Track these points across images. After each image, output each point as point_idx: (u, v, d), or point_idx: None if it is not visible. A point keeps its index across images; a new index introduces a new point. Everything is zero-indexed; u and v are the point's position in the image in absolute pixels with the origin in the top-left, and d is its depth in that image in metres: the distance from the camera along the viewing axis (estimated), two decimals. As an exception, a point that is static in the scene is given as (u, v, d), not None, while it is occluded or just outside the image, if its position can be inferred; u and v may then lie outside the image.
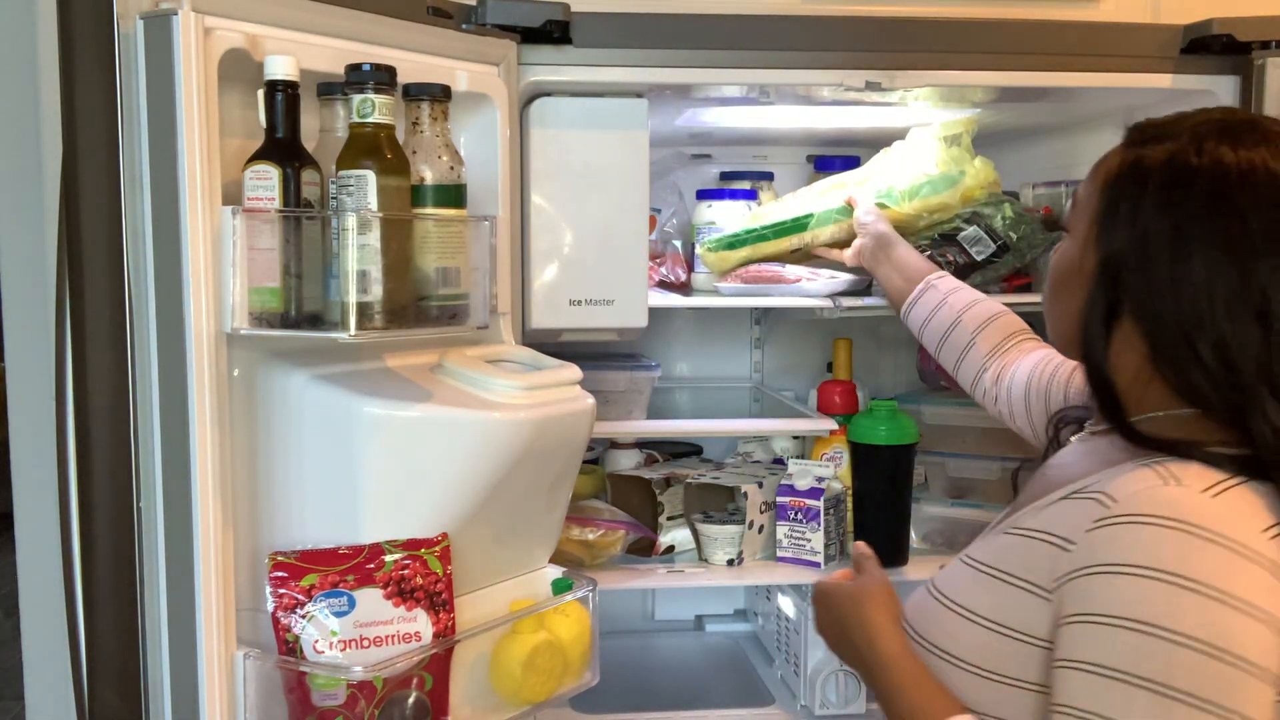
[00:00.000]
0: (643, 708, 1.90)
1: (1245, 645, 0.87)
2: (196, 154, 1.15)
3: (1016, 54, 1.67)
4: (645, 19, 1.60)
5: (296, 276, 1.21)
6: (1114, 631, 0.89)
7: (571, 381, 1.41)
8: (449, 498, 1.30)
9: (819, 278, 1.90)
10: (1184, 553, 0.88)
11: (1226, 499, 0.92)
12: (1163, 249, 0.98)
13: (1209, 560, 0.88)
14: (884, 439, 1.85)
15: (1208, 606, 0.87)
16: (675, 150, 2.28)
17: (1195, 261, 0.96)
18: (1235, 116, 1.03)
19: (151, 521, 1.20)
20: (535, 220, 1.65)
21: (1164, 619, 0.87)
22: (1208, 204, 0.97)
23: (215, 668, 1.19)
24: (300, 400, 1.27)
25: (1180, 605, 0.87)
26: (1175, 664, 0.86)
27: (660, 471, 2.04)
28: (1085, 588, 0.92)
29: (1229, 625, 0.87)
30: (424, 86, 1.29)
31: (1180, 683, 0.86)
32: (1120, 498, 0.93)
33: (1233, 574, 0.88)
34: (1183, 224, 0.97)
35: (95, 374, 1.18)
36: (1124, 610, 0.89)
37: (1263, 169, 0.97)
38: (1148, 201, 1.00)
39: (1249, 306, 0.95)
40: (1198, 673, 0.86)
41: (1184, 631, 0.87)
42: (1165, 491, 0.92)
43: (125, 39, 1.16)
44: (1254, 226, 0.96)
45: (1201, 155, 0.99)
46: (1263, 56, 1.64)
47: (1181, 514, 0.90)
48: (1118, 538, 0.91)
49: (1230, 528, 0.90)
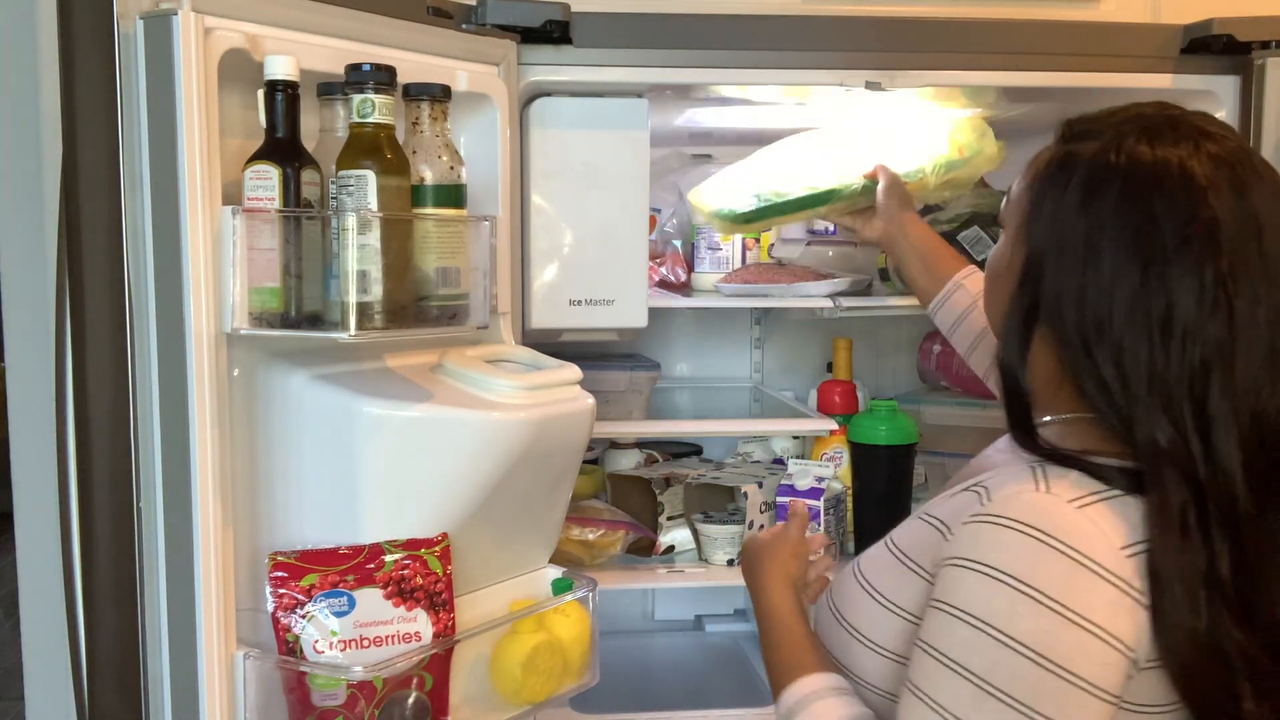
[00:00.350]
0: (643, 708, 1.89)
1: (1073, 658, 0.87)
2: (196, 154, 1.15)
3: (1016, 54, 1.67)
4: (645, 19, 1.60)
5: (296, 276, 1.21)
6: (955, 622, 0.91)
7: (571, 381, 1.41)
8: (449, 498, 1.30)
9: (819, 278, 1.90)
10: (1032, 560, 0.89)
11: (1091, 513, 0.91)
12: (1076, 251, 0.96)
13: (1055, 571, 0.88)
14: (884, 439, 1.85)
15: (1042, 615, 0.88)
16: (675, 150, 2.28)
17: (1104, 264, 0.94)
18: (1163, 113, 0.99)
19: (151, 521, 1.20)
20: (535, 220, 1.65)
21: (998, 620, 0.89)
22: (1119, 204, 0.94)
23: (215, 668, 1.19)
24: (300, 400, 1.27)
25: (1017, 610, 0.88)
26: (1000, 663, 0.88)
27: (660, 471, 2.04)
28: (945, 576, 0.94)
29: (1060, 636, 0.87)
30: (424, 86, 1.29)
31: (1000, 682, 0.88)
32: (995, 497, 0.94)
33: (1075, 587, 0.88)
34: (1094, 226, 0.95)
35: (95, 374, 1.18)
36: (966, 605, 0.91)
37: (1178, 169, 0.94)
38: (1067, 201, 0.98)
39: (1151, 313, 0.92)
40: (1019, 676, 0.88)
41: (1014, 635, 0.88)
42: (1033, 497, 0.92)
43: (125, 39, 1.16)
44: (1165, 229, 0.92)
45: (1120, 154, 0.96)
46: (1263, 56, 1.64)
47: (1040, 522, 0.90)
48: (979, 535, 0.92)
49: (1085, 542, 0.89)
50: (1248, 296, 0.92)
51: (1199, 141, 0.95)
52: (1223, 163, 0.94)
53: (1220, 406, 0.91)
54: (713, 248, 2.08)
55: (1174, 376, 0.92)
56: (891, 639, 1.03)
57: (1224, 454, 0.91)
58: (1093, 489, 0.93)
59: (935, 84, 1.67)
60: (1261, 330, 0.92)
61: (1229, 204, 0.93)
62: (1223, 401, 0.91)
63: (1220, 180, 0.93)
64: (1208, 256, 0.91)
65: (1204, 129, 0.97)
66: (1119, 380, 0.93)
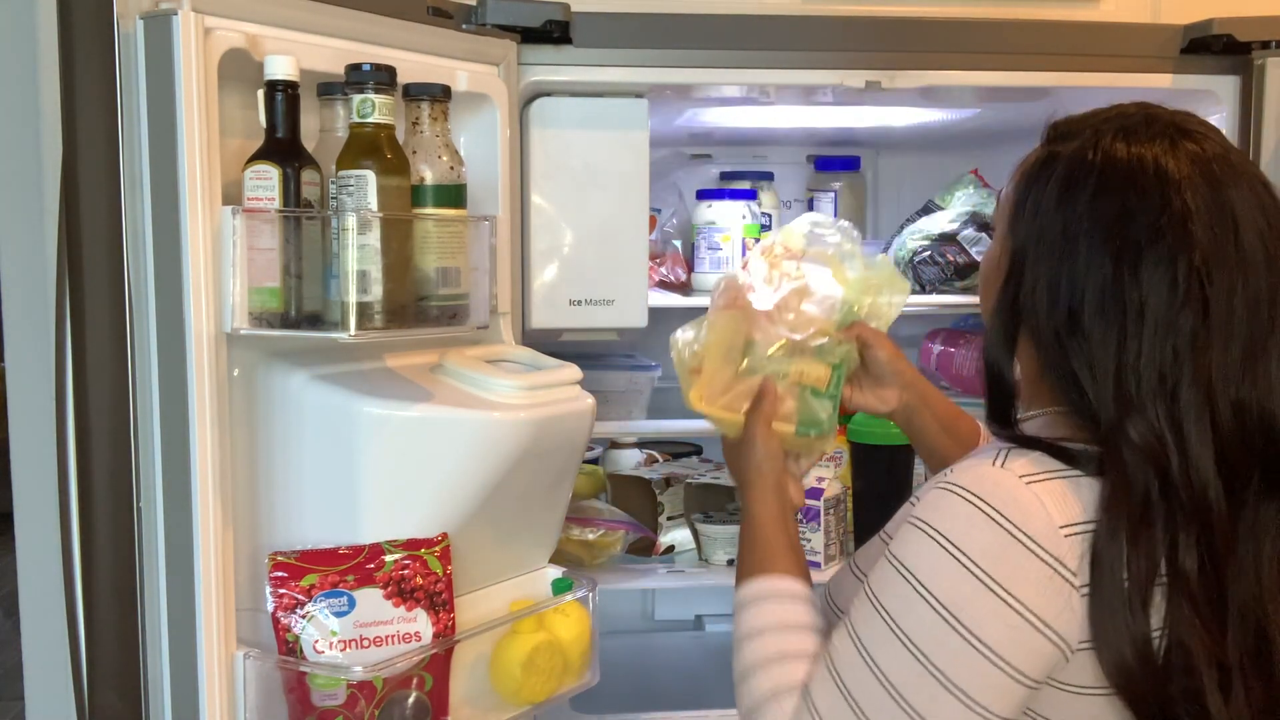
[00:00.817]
0: (643, 708, 1.89)
1: (982, 624, 0.90)
2: (196, 154, 1.15)
3: (1016, 54, 1.67)
4: (645, 19, 1.60)
5: (296, 276, 1.21)
6: (889, 570, 0.97)
7: (571, 381, 1.41)
8: (449, 498, 1.30)
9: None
10: (965, 526, 0.92)
11: (1039, 489, 0.92)
12: (1053, 245, 0.98)
13: (987, 539, 0.91)
14: (884, 439, 1.85)
15: (964, 579, 0.91)
16: (675, 150, 2.28)
17: (1079, 257, 0.96)
18: (1144, 112, 1.01)
19: (151, 521, 1.20)
20: (535, 220, 1.65)
21: (924, 575, 0.93)
22: (1094, 199, 0.96)
23: (215, 668, 1.19)
24: (300, 400, 1.27)
25: (942, 569, 0.92)
26: (913, 611, 0.93)
27: (660, 471, 2.04)
28: (899, 532, 0.99)
29: (973, 600, 0.91)
30: (424, 86, 1.29)
31: (908, 627, 0.93)
32: (956, 469, 0.97)
33: (1002, 558, 0.90)
34: (1071, 220, 0.97)
35: (95, 374, 1.18)
36: (903, 557, 0.96)
37: (1152, 164, 0.95)
38: (1047, 198, 0.99)
39: (1123, 304, 0.93)
40: (928, 630, 0.92)
41: (934, 592, 0.92)
42: (985, 470, 0.95)
43: (125, 39, 1.16)
44: (1138, 222, 0.94)
45: (1096, 151, 0.98)
46: (1263, 56, 1.64)
47: (984, 492, 0.93)
48: (931, 500, 0.96)
49: (1022, 516, 0.91)
50: (1224, 288, 0.93)
51: (1175, 139, 0.97)
52: (1199, 158, 0.96)
53: (1192, 396, 0.92)
54: (713, 248, 2.07)
55: (1145, 366, 0.93)
56: None
57: (1195, 443, 0.92)
58: (1049, 468, 0.94)
59: (935, 84, 1.67)
60: (1240, 322, 0.93)
61: (1204, 198, 0.94)
62: (1195, 391, 0.92)
63: (1195, 175, 0.95)
64: (1181, 249, 0.93)
65: (1182, 127, 0.99)
66: (1088, 371, 0.95)
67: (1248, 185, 0.96)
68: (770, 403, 1.23)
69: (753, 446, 1.21)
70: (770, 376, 1.28)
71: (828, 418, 1.29)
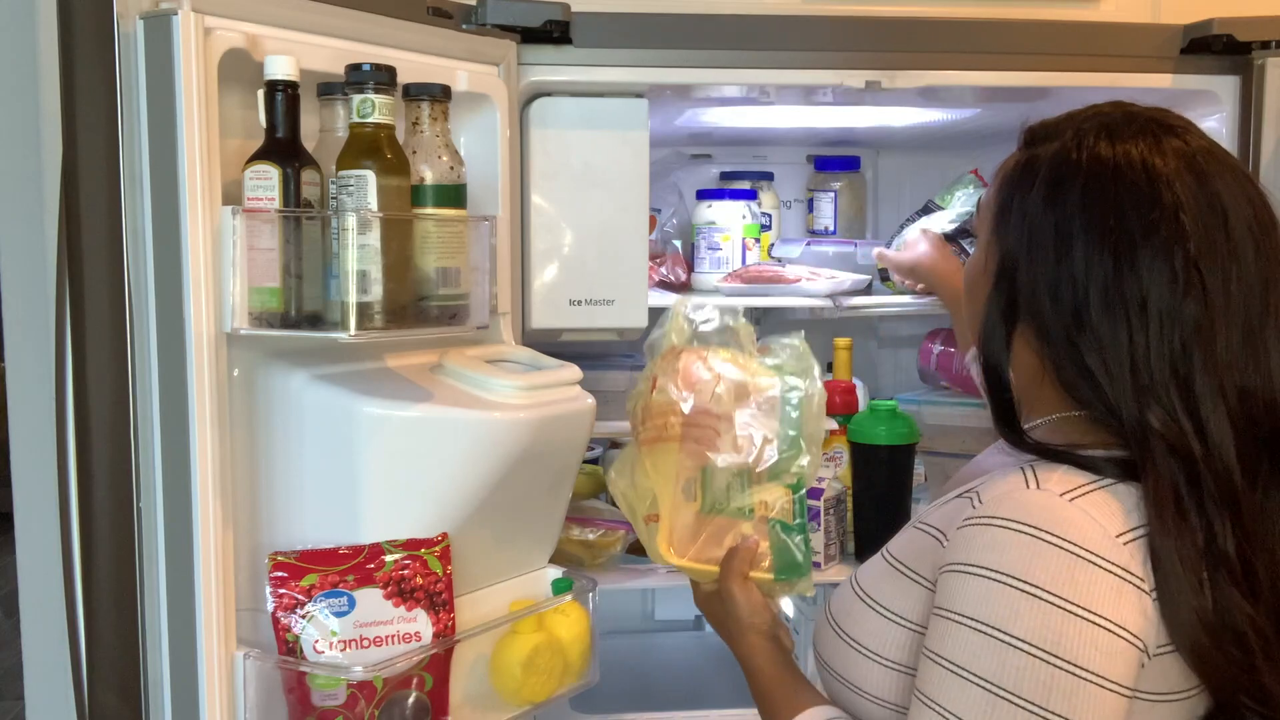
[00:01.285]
0: (643, 708, 1.89)
1: (1080, 652, 0.87)
2: (196, 154, 1.15)
3: (1016, 54, 1.67)
4: (645, 19, 1.60)
5: (296, 276, 1.21)
6: (959, 629, 0.91)
7: (571, 381, 1.41)
8: (449, 498, 1.30)
9: (819, 278, 1.90)
10: (1028, 557, 0.89)
11: (1084, 503, 0.91)
12: (1047, 246, 0.98)
13: (1051, 565, 0.89)
14: (884, 439, 1.85)
15: (1045, 611, 0.88)
16: (675, 150, 2.28)
17: (1076, 257, 0.96)
18: (1120, 110, 1.02)
19: (151, 521, 1.20)
20: (535, 220, 1.65)
21: (1002, 621, 0.89)
22: (1085, 198, 0.97)
23: (215, 668, 1.19)
24: (300, 400, 1.27)
25: (1018, 609, 0.88)
26: (1007, 665, 0.88)
27: (660, 471, 2.04)
28: (945, 583, 0.94)
29: (1064, 631, 0.87)
30: (424, 86, 1.29)
31: (1009, 684, 0.88)
32: (986, 499, 0.95)
33: (1074, 580, 0.88)
34: (1062, 220, 0.97)
35: (95, 374, 1.18)
36: (968, 609, 0.91)
37: (1139, 162, 0.96)
38: (1033, 199, 1.00)
39: (1127, 299, 0.94)
40: (1028, 676, 0.88)
41: (1018, 635, 0.88)
42: (1024, 495, 0.93)
43: (125, 39, 1.16)
44: (1131, 218, 0.95)
45: (1081, 151, 0.98)
46: (1263, 56, 1.64)
47: (1032, 518, 0.90)
48: (974, 538, 0.93)
49: (1079, 533, 0.89)
50: (1219, 277, 0.94)
51: (1158, 134, 0.98)
52: (1183, 153, 0.97)
53: (1205, 385, 0.93)
54: (713, 248, 2.08)
55: (1156, 359, 0.93)
56: (894, 649, 1.02)
57: (1215, 430, 0.92)
58: (1084, 480, 0.94)
59: (935, 84, 1.67)
60: (1237, 309, 0.94)
61: (1192, 190, 0.95)
62: (1207, 379, 0.93)
63: (1182, 168, 0.96)
64: (1175, 240, 0.93)
65: (1163, 122, 1.00)
66: (1103, 368, 0.95)
67: (1232, 177, 0.97)
68: (745, 560, 1.22)
69: (734, 602, 1.20)
70: (737, 521, 1.24)
71: (804, 557, 1.25)
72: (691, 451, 1.24)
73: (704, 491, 1.24)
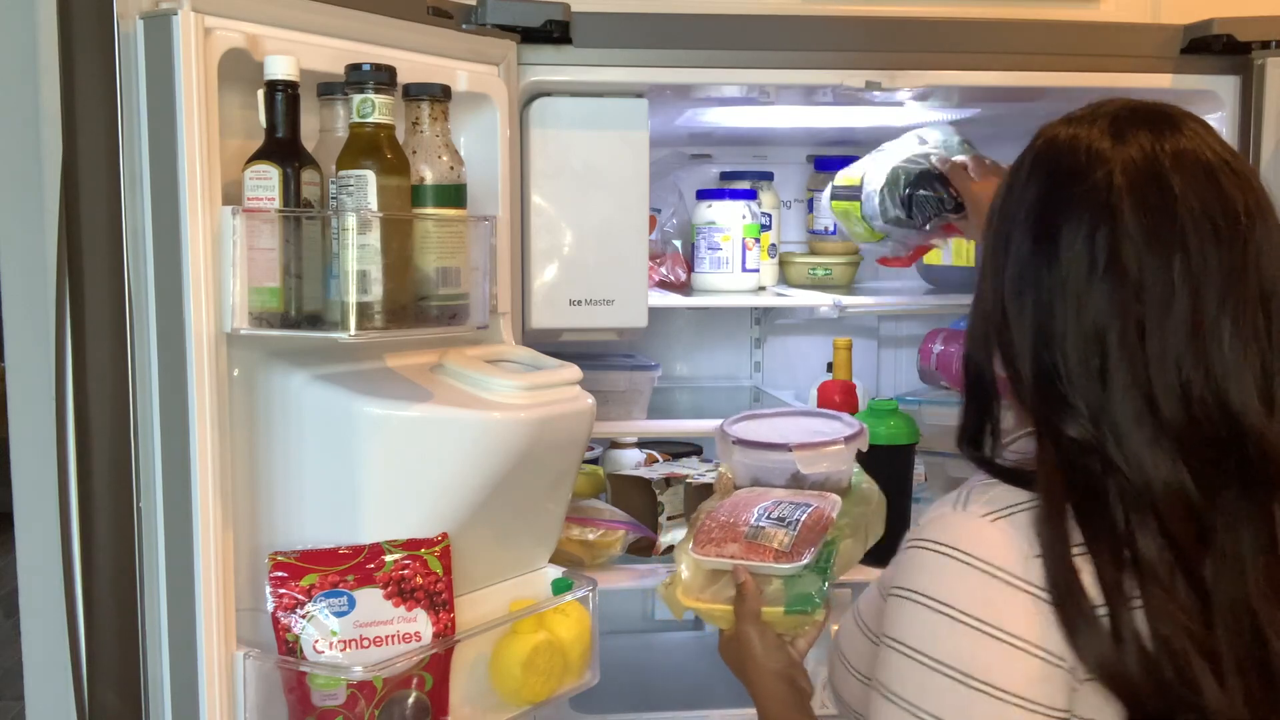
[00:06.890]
0: (643, 708, 1.90)
1: (995, 673, 0.86)
2: (196, 154, 1.15)
3: (1016, 54, 1.67)
4: (645, 19, 1.60)
5: (296, 276, 1.21)
6: (888, 651, 0.91)
7: (571, 381, 1.41)
8: (449, 497, 1.30)
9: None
10: (945, 579, 0.88)
11: (1004, 524, 0.89)
12: (994, 235, 0.96)
13: (967, 586, 0.87)
14: (884, 439, 1.84)
15: (960, 633, 0.87)
16: (675, 150, 2.28)
17: (1012, 240, 0.93)
18: (1110, 101, 0.96)
19: (151, 521, 1.20)
20: (535, 220, 1.65)
21: (921, 643, 0.89)
22: (1027, 180, 0.94)
23: (215, 668, 1.19)
24: (300, 400, 1.27)
25: (936, 632, 0.88)
26: (927, 688, 0.88)
27: (660, 471, 2.04)
28: (886, 606, 0.94)
29: (978, 653, 0.86)
30: (424, 86, 1.29)
31: (931, 707, 0.88)
32: (920, 523, 0.94)
33: (989, 601, 0.87)
34: (1008, 206, 0.94)
35: (95, 374, 1.18)
36: (894, 632, 0.91)
37: (1084, 140, 0.91)
38: (998, 190, 0.98)
39: (1040, 283, 0.89)
40: (946, 697, 0.87)
41: (936, 657, 0.88)
42: (948, 518, 0.92)
43: (125, 39, 1.16)
44: (1059, 194, 0.90)
45: (1040, 136, 0.96)
46: (1263, 56, 1.64)
47: (951, 539, 0.89)
48: (902, 562, 0.93)
49: (994, 552, 0.87)
50: (1157, 261, 0.87)
51: (1127, 119, 0.92)
52: (1141, 134, 0.90)
53: (1120, 377, 0.87)
54: (713, 248, 2.08)
55: (1070, 344, 0.88)
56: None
57: (1127, 427, 0.87)
58: (1018, 500, 0.90)
59: (935, 84, 1.67)
60: (1178, 300, 0.86)
61: (1139, 169, 0.88)
62: (1123, 373, 0.87)
63: (1130, 148, 0.90)
64: (1102, 218, 0.88)
65: (1136, 109, 0.94)
66: (1013, 359, 0.92)
67: (1205, 169, 0.89)
68: (753, 599, 1.22)
69: (749, 643, 1.20)
70: (742, 569, 1.27)
71: (817, 590, 1.26)
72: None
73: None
